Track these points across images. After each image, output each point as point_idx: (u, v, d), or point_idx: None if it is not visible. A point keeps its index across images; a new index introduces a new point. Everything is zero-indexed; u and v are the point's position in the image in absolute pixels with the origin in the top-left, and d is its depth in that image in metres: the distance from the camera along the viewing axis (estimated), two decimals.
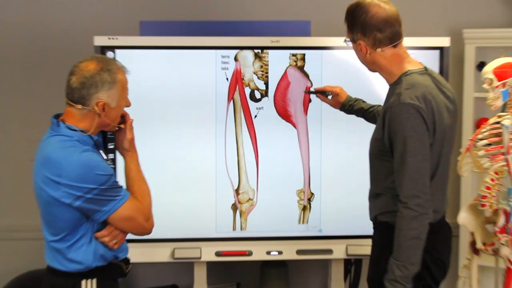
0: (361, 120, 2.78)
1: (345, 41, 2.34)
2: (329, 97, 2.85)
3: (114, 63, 2.13)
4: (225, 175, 3.15)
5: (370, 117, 2.74)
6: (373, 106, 2.75)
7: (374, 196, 2.35)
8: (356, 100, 2.79)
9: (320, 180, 3.19)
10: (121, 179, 2.20)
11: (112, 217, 2.08)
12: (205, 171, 3.13)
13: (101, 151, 2.17)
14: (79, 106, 2.08)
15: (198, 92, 3.10)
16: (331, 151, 3.18)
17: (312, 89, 3.07)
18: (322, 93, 2.87)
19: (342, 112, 2.85)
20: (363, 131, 2.65)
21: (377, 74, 2.34)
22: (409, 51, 2.31)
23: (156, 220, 2.21)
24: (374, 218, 2.36)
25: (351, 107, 2.78)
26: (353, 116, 2.81)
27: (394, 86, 2.23)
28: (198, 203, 3.14)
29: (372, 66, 2.30)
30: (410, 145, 2.10)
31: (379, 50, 2.23)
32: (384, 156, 2.24)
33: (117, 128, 2.22)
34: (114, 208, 2.07)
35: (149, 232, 2.17)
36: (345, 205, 3.18)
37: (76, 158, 2.03)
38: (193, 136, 3.11)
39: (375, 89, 3.01)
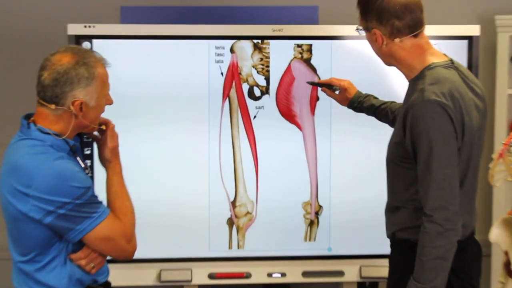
0: (378, 121, 2.80)
1: (357, 29, 2.35)
2: (337, 92, 2.86)
3: (91, 55, 2.13)
4: (220, 185, 3.16)
5: (382, 115, 2.75)
6: (385, 102, 2.75)
7: (392, 209, 2.34)
8: (367, 96, 2.80)
9: (330, 190, 3.20)
10: (101, 191, 2.20)
11: (88, 237, 2.07)
12: (196, 180, 3.14)
13: (78, 158, 2.17)
14: (53, 106, 2.07)
15: (188, 89, 3.11)
16: (343, 157, 3.18)
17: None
18: (328, 87, 2.86)
19: (356, 113, 2.86)
20: (380, 134, 2.66)
21: (395, 68, 2.34)
22: (432, 41, 2.30)
23: (140, 237, 2.21)
24: (392, 235, 2.36)
25: (360, 104, 2.79)
26: (369, 116, 2.82)
27: (416, 81, 2.23)
28: (189, 217, 3.15)
29: (389, 59, 2.30)
30: (436, 149, 2.10)
31: (397, 40, 2.23)
32: (404, 163, 2.24)
33: (96, 132, 2.23)
34: (91, 226, 2.06)
35: (131, 256, 2.17)
36: (358, 219, 3.19)
37: (48, 167, 2.02)
38: (181, 140, 3.12)
39: (395, 87, 3.03)
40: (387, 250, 2.41)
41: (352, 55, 3.14)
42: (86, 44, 3.02)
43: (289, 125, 3.17)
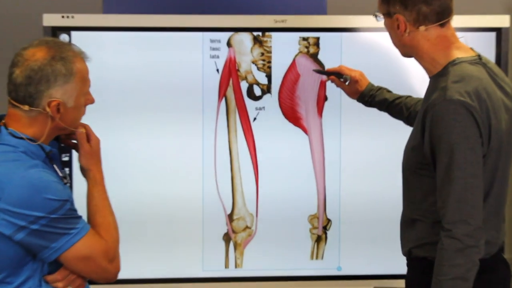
0: (395, 122, 2.82)
1: (375, 15, 2.37)
2: (346, 82, 2.88)
3: (69, 48, 2.12)
4: (215, 197, 3.17)
5: (396, 111, 2.77)
6: (400, 97, 2.78)
7: (408, 222, 2.35)
8: (379, 89, 2.83)
9: (340, 202, 3.21)
10: (82, 204, 2.19)
11: (65, 256, 2.05)
12: (189, 191, 3.15)
13: (55, 166, 2.16)
14: (26, 107, 2.07)
15: (178, 88, 3.12)
16: (354, 164, 3.20)
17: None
18: (337, 76, 2.88)
19: (369, 113, 2.90)
20: (397, 138, 2.65)
21: (416, 66, 2.36)
22: (458, 34, 2.32)
23: (124, 256, 2.21)
24: (408, 253, 2.37)
25: (372, 98, 2.82)
26: (384, 118, 2.84)
27: (438, 78, 2.24)
28: (180, 232, 3.16)
29: (410, 50, 2.31)
30: (458, 155, 2.10)
31: (422, 28, 2.24)
32: (423, 170, 2.25)
33: (73, 138, 2.24)
34: (68, 244, 2.04)
35: (113, 277, 2.16)
36: (372, 235, 3.21)
37: (20, 176, 2.00)
38: (172, 146, 3.13)
39: (414, 85, 3.05)
40: (403, 269, 2.41)
41: (364, 49, 3.15)
42: (64, 37, 3.02)
43: (294, 129, 3.18)
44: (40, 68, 2.05)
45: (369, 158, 3.20)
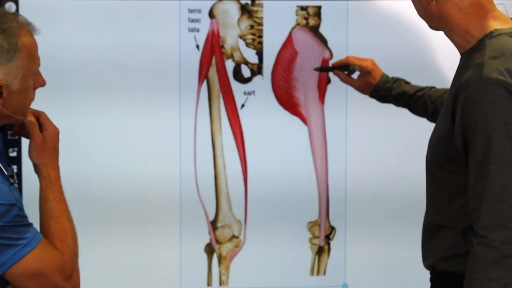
0: (410, 112, 2.82)
1: None
2: (355, 75, 2.89)
3: (13, 19, 2.09)
4: (195, 199, 3.17)
5: (418, 106, 2.78)
6: (422, 88, 2.80)
7: (432, 230, 2.33)
8: (396, 81, 2.84)
9: (345, 206, 3.21)
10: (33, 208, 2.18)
11: (12, 272, 2.04)
12: (163, 193, 3.15)
13: None
14: None
15: (150, 68, 3.12)
16: (363, 161, 3.21)
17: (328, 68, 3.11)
18: (342, 69, 2.89)
19: (381, 102, 2.89)
20: (417, 128, 2.72)
21: (446, 44, 2.34)
22: (495, 1, 2.28)
23: (89, 273, 2.24)
24: (431, 266, 2.34)
25: (388, 91, 2.83)
26: (396, 107, 2.84)
27: (472, 53, 2.21)
28: (154, 243, 3.16)
29: (438, 21, 2.28)
30: (495, 145, 2.07)
31: None
32: (452, 165, 2.22)
33: (20, 125, 2.23)
34: (15, 258, 2.02)
35: None
36: (383, 245, 3.22)
37: None
38: (144, 138, 3.14)
39: (441, 66, 3.06)
40: (424, 286, 2.39)
41: (377, 21, 3.17)
42: (10, 5, 3.01)
43: (290, 117, 3.18)
44: None
45: (381, 152, 3.21)
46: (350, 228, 3.20)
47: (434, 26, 2.32)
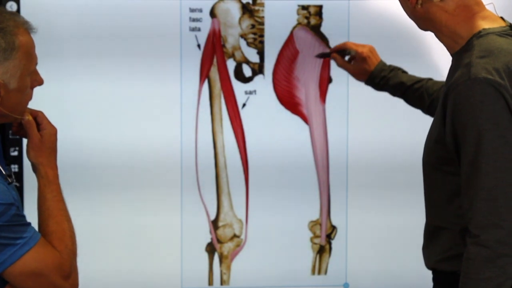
0: (416, 109, 2.81)
1: None
2: (348, 57, 2.91)
3: (10, 17, 2.10)
4: (197, 199, 3.17)
5: (415, 98, 2.79)
6: (419, 80, 2.80)
7: (432, 231, 2.34)
8: (393, 69, 2.86)
9: (347, 205, 3.21)
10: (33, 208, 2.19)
11: (10, 271, 2.04)
12: (165, 192, 3.16)
13: None
14: None
15: (152, 67, 3.11)
16: (364, 160, 3.20)
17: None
18: (340, 53, 2.92)
19: (382, 98, 2.89)
20: (418, 128, 2.66)
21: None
22: (485, 0, 2.27)
23: (88, 272, 2.28)
24: (433, 267, 2.35)
25: (384, 80, 2.84)
26: (401, 102, 2.83)
27: (461, 54, 2.21)
28: (155, 242, 3.17)
29: (426, 23, 2.30)
30: (486, 144, 2.07)
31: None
32: (448, 166, 2.22)
33: (18, 124, 2.23)
34: (13, 257, 2.03)
35: None
36: (385, 245, 3.23)
37: None
38: (146, 137, 3.13)
39: (440, 64, 3.06)
40: (427, 285, 2.39)
41: (377, 20, 3.17)
42: (11, 5, 3.01)
43: (291, 116, 3.19)
44: None
45: (382, 152, 3.21)
46: (351, 227, 3.20)
47: (422, 27, 2.34)
